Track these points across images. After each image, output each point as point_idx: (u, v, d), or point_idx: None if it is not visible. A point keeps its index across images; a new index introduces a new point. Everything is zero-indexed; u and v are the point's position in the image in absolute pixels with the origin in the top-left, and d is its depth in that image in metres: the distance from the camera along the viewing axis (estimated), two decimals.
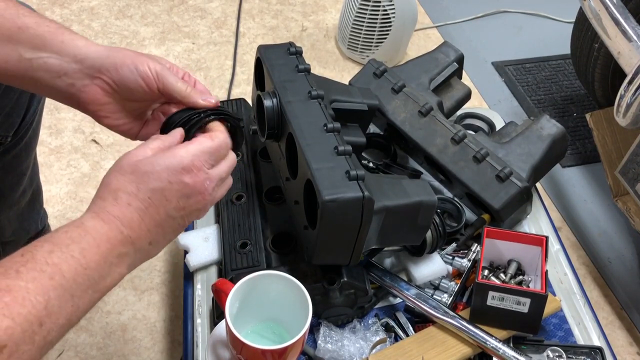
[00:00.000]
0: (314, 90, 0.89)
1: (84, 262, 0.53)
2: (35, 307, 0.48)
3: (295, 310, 0.76)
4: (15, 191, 1.01)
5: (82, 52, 0.67)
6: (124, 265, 0.58)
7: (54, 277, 0.51)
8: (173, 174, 0.60)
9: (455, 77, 1.15)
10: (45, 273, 0.50)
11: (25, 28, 0.66)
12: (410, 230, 0.89)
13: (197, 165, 0.61)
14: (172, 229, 0.62)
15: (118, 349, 1.20)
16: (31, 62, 0.67)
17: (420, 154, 1.06)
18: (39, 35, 0.66)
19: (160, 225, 0.60)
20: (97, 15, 1.88)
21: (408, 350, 0.86)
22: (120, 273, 0.58)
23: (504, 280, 0.93)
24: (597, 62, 1.47)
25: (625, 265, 1.40)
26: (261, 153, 1.05)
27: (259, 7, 2.00)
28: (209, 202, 0.64)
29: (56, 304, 0.50)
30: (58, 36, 0.67)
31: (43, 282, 0.50)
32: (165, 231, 0.61)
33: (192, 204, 0.62)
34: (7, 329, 0.46)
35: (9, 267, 0.50)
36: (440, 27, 2.02)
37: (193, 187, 0.61)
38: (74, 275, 0.52)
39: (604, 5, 1.19)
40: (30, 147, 1.00)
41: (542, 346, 0.90)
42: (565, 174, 1.59)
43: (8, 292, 0.47)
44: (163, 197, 0.59)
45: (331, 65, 1.83)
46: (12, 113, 0.89)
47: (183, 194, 0.61)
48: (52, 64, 0.67)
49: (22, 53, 0.66)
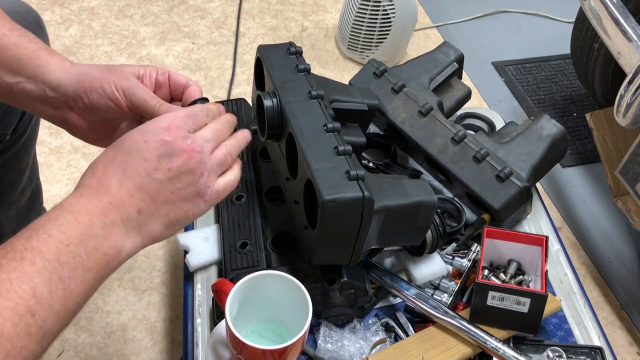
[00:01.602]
0: (314, 90, 0.89)
1: (64, 239, 0.50)
2: (23, 298, 0.46)
3: (295, 310, 0.76)
4: (14, 190, 1.01)
5: (56, 79, 0.66)
6: (115, 237, 0.54)
7: (35, 261, 0.47)
8: (149, 133, 0.56)
9: (455, 77, 1.15)
10: (26, 260, 0.47)
11: (4, 49, 0.65)
12: (410, 230, 0.89)
13: (175, 123, 0.57)
14: (163, 197, 0.56)
15: (118, 349, 1.20)
16: (11, 87, 0.66)
17: (420, 154, 1.06)
18: (16, 58, 0.65)
19: (144, 190, 0.55)
20: (97, 15, 1.88)
21: (408, 350, 0.86)
22: (114, 246, 0.54)
23: (504, 280, 0.93)
24: (597, 62, 1.47)
25: (625, 265, 1.40)
26: (261, 153, 1.05)
27: (259, 7, 2.00)
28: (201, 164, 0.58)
29: (45, 290, 0.47)
30: (34, 60, 0.66)
31: (25, 269, 0.47)
32: (155, 199, 0.56)
33: (179, 166, 0.56)
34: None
35: None
36: (440, 27, 2.02)
37: (173, 143, 0.56)
38: (56, 254, 0.49)
39: (604, 5, 1.19)
40: (29, 145, 0.99)
41: (542, 346, 0.90)
42: (565, 174, 1.59)
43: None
44: (141, 157, 0.55)
45: (331, 65, 1.83)
46: (10, 111, 0.89)
47: (163, 152, 0.56)
48: (31, 89, 0.66)
49: (2, 76, 0.66)
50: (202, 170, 0.58)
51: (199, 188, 0.58)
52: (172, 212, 0.58)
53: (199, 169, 0.58)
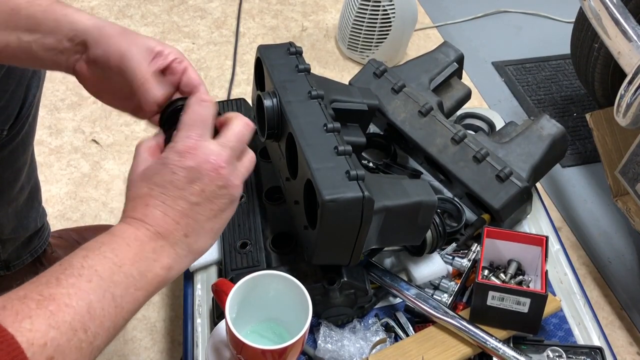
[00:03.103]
0: (314, 90, 0.89)
1: (117, 261, 0.53)
2: (79, 313, 0.48)
3: (295, 310, 0.76)
4: (13, 187, 1.01)
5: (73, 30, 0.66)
6: (164, 259, 0.57)
7: (92, 279, 0.50)
8: (173, 164, 0.59)
9: (455, 77, 1.15)
10: (83, 277, 0.50)
11: (17, 10, 0.66)
12: (410, 230, 0.89)
13: (189, 144, 0.59)
14: (205, 216, 0.60)
15: (118, 349, 1.20)
16: (31, 45, 0.67)
17: (420, 154, 1.06)
18: (31, 16, 0.66)
19: (188, 215, 0.59)
20: (97, 15, 1.88)
21: (408, 350, 0.86)
22: (165, 267, 0.57)
23: (504, 280, 0.93)
24: (597, 62, 1.47)
25: (625, 265, 1.40)
26: (261, 153, 1.05)
27: (259, 7, 2.00)
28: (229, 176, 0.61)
29: (98, 307, 0.50)
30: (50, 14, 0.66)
31: (82, 286, 0.50)
32: (198, 219, 0.59)
33: (208, 183, 0.59)
34: (53, 340, 0.46)
35: (50, 277, 0.50)
36: (440, 27, 2.02)
37: (198, 167, 0.59)
38: (110, 274, 0.52)
39: (604, 5, 1.19)
40: (27, 142, 0.99)
41: (542, 346, 0.90)
42: (565, 174, 1.59)
43: (52, 301, 0.47)
44: (174, 187, 0.58)
45: (331, 65, 1.83)
46: (8, 106, 0.89)
47: (192, 177, 0.59)
48: (50, 43, 0.67)
49: (21, 37, 0.66)
50: (232, 181, 0.61)
51: (233, 195, 0.62)
52: (216, 224, 0.62)
53: (229, 181, 0.61)
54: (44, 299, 0.47)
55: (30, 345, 0.44)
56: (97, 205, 1.42)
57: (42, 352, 0.45)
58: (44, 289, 0.48)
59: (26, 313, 0.46)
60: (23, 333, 0.44)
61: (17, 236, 1.10)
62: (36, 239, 1.16)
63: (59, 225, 1.37)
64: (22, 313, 0.46)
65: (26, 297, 0.47)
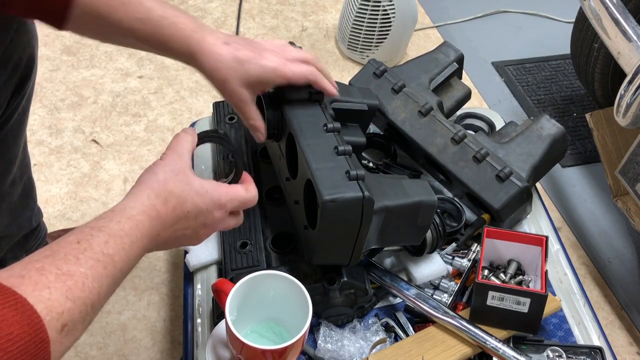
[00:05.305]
0: (314, 90, 0.89)
1: (131, 255, 0.60)
2: (92, 292, 0.53)
3: (295, 310, 0.76)
4: (4, 180, 1.00)
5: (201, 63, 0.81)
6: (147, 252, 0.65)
7: (108, 266, 0.56)
8: (212, 203, 0.69)
9: (455, 77, 1.15)
10: (101, 262, 0.55)
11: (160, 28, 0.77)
12: (410, 230, 0.89)
13: (228, 207, 0.71)
14: (178, 242, 0.70)
15: (118, 349, 1.20)
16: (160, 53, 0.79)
17: (420, 154, 1.06)
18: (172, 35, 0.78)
19: (177, 237, 0.68)
20: None
21: (408, 350, 0.87)
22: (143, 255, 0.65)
23: (504, 280, 0.93)
24: (597, 62, 1.47)
25: (625, 265, 1.40)
26: (261, 153, 1.05)
27: (259, 7, 2.00)
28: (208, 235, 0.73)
29: (105, 291, 0.56)
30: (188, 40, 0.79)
31: (99, 270, 0.55)
32: (172, 243, 0.69)
33: (202, 233, 0.71)
34: (70, 310, 0.51)
35: (68, 253, 0.54)
36: (440, 27, 2.02)
37: (213, 222, 0.70)
38: (122, 265, 0.58)
39: (604, 5, 1.19)
40: (17, 134, 0.98)
41: (542, 346, 0.90)
42: (565, 174, 1.59)
43: (70, 277, 0.52)
44: (194, 217, 0.68)
45: (331, 65, 1.83)
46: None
47: (205, 222, 0.69)
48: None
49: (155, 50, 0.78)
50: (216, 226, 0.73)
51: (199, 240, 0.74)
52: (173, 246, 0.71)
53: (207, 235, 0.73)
54: (62, 274, 0.52)
55: (49, 312, 0.49)
56: (97, 205, 1.42)
57: (59, 319, 0.49)
58: (61, 264, 0.53)
59: (45, 284, 0.50)
60: (42, 301, 0.49)
61: (11, 234, 1.10)
62: (32, 238, 1.16)
63: (59, 225, 1.37)
64: (40, 283, 0.50)
65: (44, 269, 0.51)
